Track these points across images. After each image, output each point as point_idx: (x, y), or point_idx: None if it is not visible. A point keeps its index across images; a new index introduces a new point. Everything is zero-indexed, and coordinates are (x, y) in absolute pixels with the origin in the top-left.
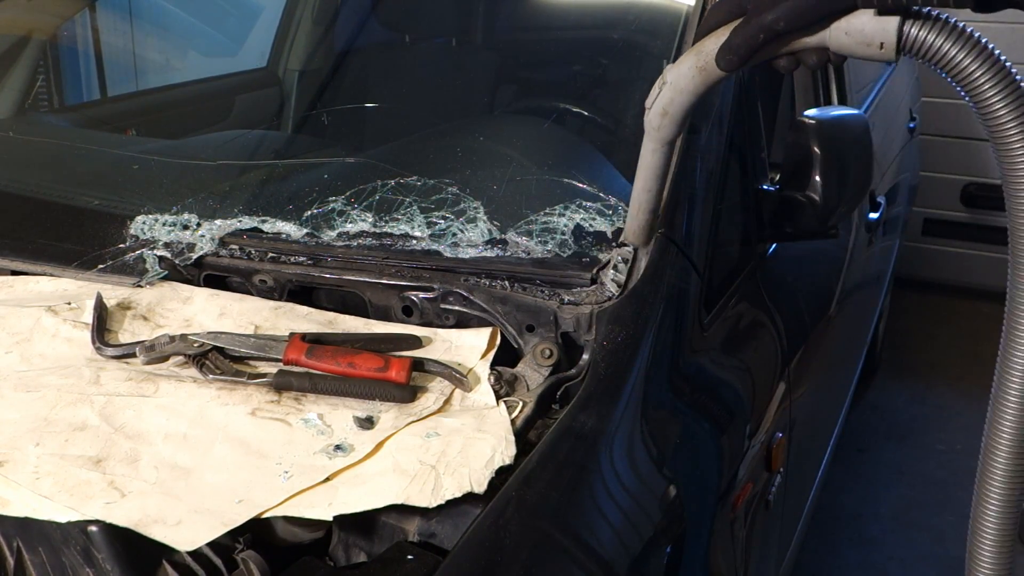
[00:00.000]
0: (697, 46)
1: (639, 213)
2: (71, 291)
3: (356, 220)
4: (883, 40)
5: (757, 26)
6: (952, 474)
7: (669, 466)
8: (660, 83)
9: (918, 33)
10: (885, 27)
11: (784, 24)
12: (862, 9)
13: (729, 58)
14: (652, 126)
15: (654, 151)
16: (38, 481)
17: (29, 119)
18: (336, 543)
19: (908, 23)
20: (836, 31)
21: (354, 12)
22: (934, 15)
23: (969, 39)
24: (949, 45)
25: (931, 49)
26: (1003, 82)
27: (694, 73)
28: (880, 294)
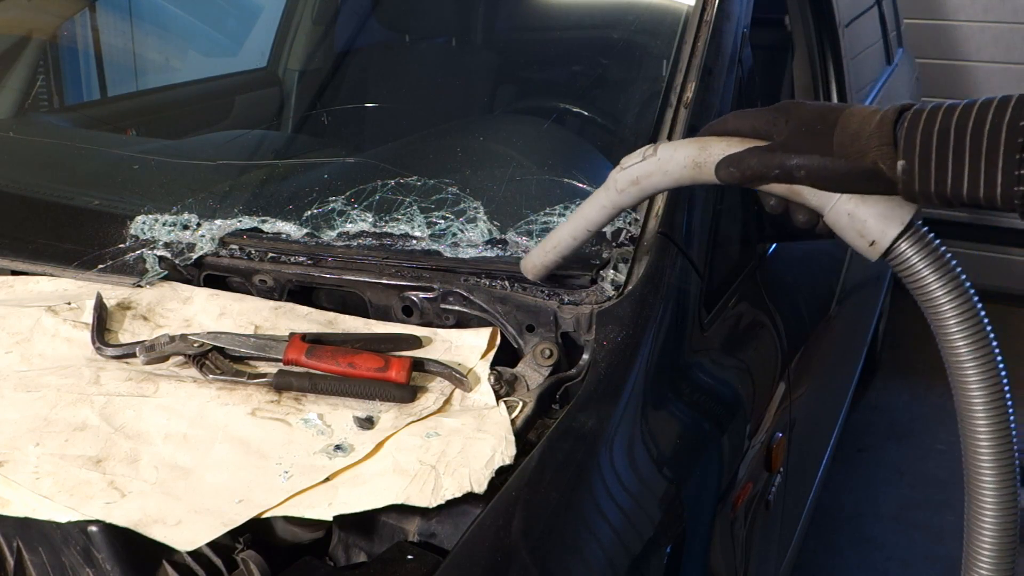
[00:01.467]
0: (702, 141)
1: (551, 253)
2: (71, 291)
3: (356, 220)
4: (877, 240)
5: (777, 162)
6: (952, 474)
7: (669, 466)
8: (648, 152)
9: (907, 249)
10: (886, 231)
11: (804, 176)
12: (877, 198)
13: (732, 171)
14: (616, 187)
15: (602, 208)
16: (38, 481)
17: (29, 119)
18: (336, 543)
19: (904, 238)
20: (840, 207)
21: (354, 12)
22: (930, 240)
23: (950, 274)
24: (929, 273)
25: (911, 268)
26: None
27: (688, 164)
28: (880, 294)
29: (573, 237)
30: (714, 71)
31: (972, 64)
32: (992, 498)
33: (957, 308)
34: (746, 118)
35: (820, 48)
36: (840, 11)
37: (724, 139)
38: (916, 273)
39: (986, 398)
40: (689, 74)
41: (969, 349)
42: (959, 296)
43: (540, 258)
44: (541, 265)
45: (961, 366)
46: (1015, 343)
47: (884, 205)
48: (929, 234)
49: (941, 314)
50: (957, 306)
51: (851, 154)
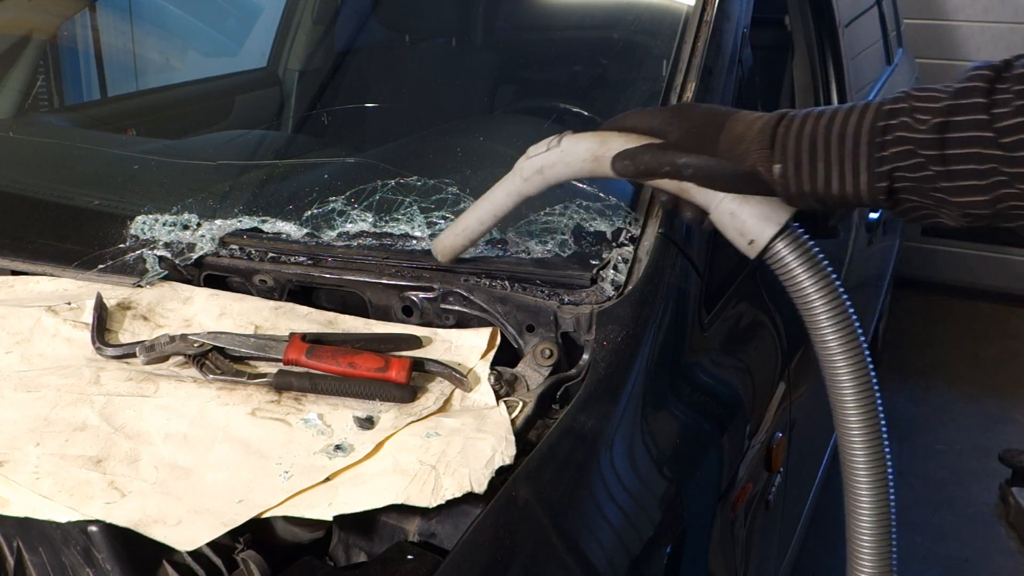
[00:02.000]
0: (603, 135)
1: (459, 236)
2: (71, 291)
3: (356, 220)
4: (754, 239)
5: (667, 159)
6: (952, 474)
7: (669, 466)
8: (553, 143)
9: (782, 249)
10: (763, 231)
11: (691, 173)
12: (757, 197)
13: (626, 164)
14: (522, 175)
15: (508, 195)
16: (38, 481)
17: (29, 119)
18: (336, 543)
19: (780, 239)
20: (723, 207)
21: (354, 12)
22: (803, 240)
23: (821, 272)
24: (801, 272)
25: (785, 267)
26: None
27: (588, 157)
28: (880, 294)
29: (480, 222)
30: (714, 71)
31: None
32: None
33: (827, 303)
34: (644, 117)
35: (820, 48)
36: (840, 11)
37: (623, 135)
38: (790, 271)
39: (855, 387)
40: (689, 74)
41: (838, 341)
42: (829, 293)
43: (449, 240)
44: (450, 247)
45: (831, 357)
46: (1015, 343)
47: (764, 207)
48: (804, 235)
49: (812, 309)
50: (827, 302)
51: (734, 156)
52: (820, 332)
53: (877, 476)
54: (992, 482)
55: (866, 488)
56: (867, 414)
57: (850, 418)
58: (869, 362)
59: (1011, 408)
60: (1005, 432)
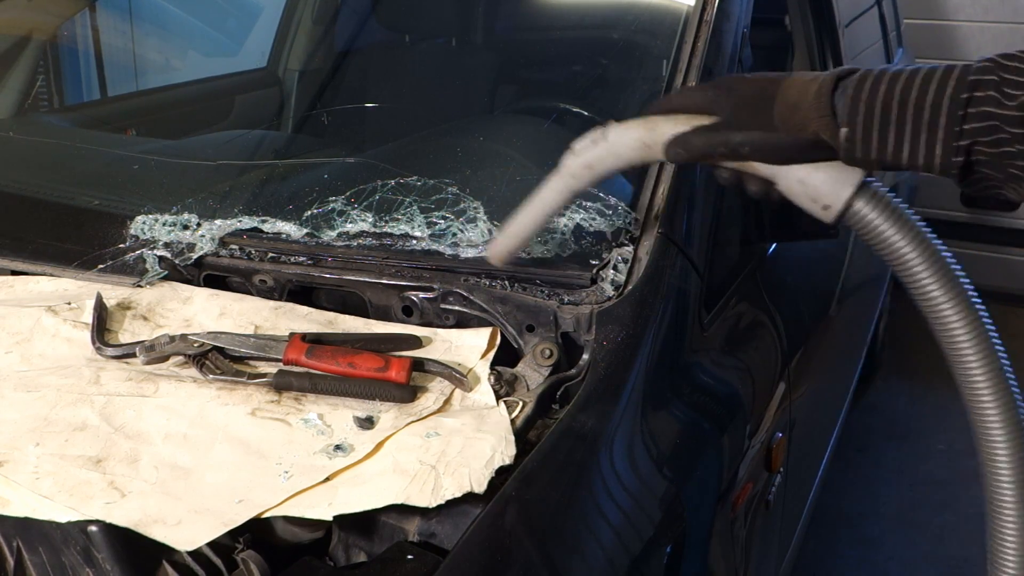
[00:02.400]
0: (650, 121)
1: (513, 239)
2: (71, 291)
3: (356, 220)
4: (831, 204)
5: (722, 140)
6: (952, 474)
7: (669, 466)
8: (598, 136)
9: (863, 208)
10: (839, 193)
11: (749, 150)
12: (826, 164)
13: (679, 152)
14: (570, 172)
15: (559, 193)
16: (38, 481)
17: (29, 119)
18: (336, 543)
19: (858, 198)
20: (791, 175)
21: (354, 12)
22: (884, 196)
23: (908, 225)
24: (887, 227)
25: (869, 225)
26: (935, 266)
27: (638, 146)
28: (880, 294)
29: (534, 223)
30: (714, 71)
31: None
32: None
33: (922, 256)
34: (690, 95)
35: (820, 48)
36: (840, 11)
37: (671, 118)
38: (875, 229)
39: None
40: (689, 74)
41: (942, 292)
42: (921, 244)
43: (504, 246)
44: (506, 251)
45: (939, 311)
46: (1015, 343)
47: (834, 169)
48: (882, 189)
49: (908, 265)
50: (922, 254)
51: (792, 127)
52: (922, 287)
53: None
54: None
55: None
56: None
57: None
58: (983, 311)
59: None
60: None
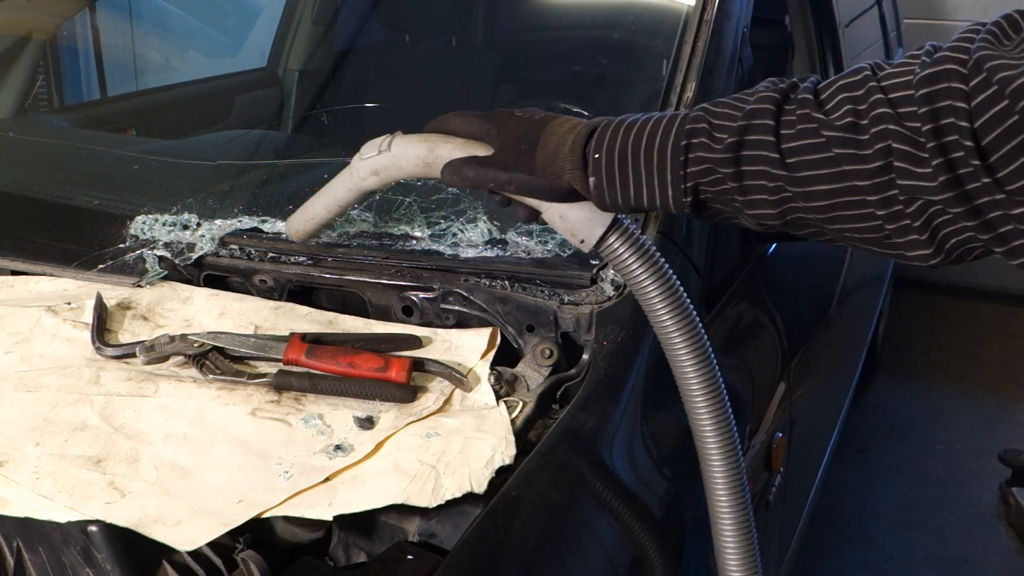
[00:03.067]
0: (432, 140)
1: (309, 221)
2: (71, 291)
3: (356, 220)
4: (585, 238)
5: (490, 176)
6: (952, 474)
7: (669, 466)
8: (383, 146)
9: (614, 242)
10: (592, 231)
11: (514, 190)
12: (584, 203)
13: (454, 179)
14: (359, 175)
15: (349, 191)
16: (38, 481)
17: (29, 119)
18: (336, 543)
19: (610, 234)
20: (552, 211)
21: (354, 12)
22: (631, 233)
23: (652, 260)
24: (634, 261)
25: (619, 259)
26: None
27: (419, 163)
28: (880, 294)
29: (327, 210)
30: (714, 71)
31: None
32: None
33: (661, 290)
34: (466, 122)
35: (820, 48)
36: (840, 11)
37: (450, 140)
38: (624, 263)
39: (695, 365)
40: (689, 74)
41: (674, 322)
42: (661, 280)
43: (300, 224)
44: (302, 231)
45: (670, 339)
46: (1015, 343)
47: (591, 209)
48: (631, 228)
49: (648, 296)
50: (660, 288)
51: (550, 173)
52: (657, 316)
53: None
54: (992, 482)
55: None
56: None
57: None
58: (706, 344)
59: (1011, 408)
60: (1005, 432)
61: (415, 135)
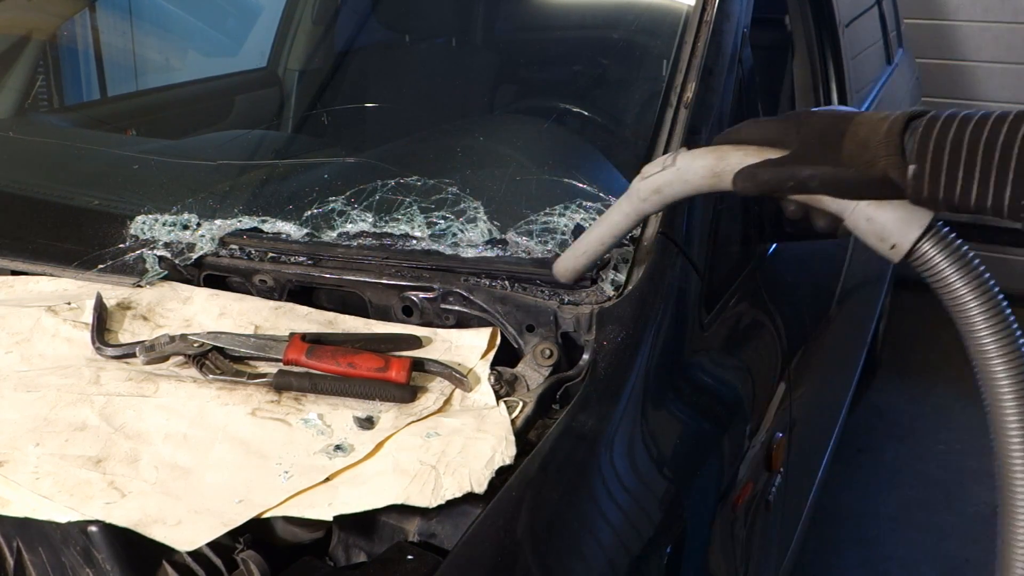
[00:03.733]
0: (720, 151)
1: (582, 257)
2: (71, 291)
3: (356, 220)
4: (897, 243)
5: (790, 174)
6: (952, 474)
7: (669, 466)
8: (668, 162)
9: (929, 250)
10: (906, 234)
11: (817, 185)
12: (894, 202)
13: (747, 185)
14: (639, 196)
15: (627, 216)
16: (38, 481)
17: (29, 119)
18: (336, 543)
19: (925, 239)
20: (859, 213)
21: (354, 12)
22: (952, 240)
23: (973, 272)
24: (953, 273)
25: (934, 268)
26: (999, 327)
27: (707, 174)
28: (880, 294)
29: (601, 243)
30: (714, 71)
31: (972, 64)
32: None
33: (983, 307)
34: (760, 127)
35: (820, 48)
36: (840, 11)
37: (740, 148)
38: (939, 274)
39: (1017, 396)
40: (689, 74)
41: (997, 346)
42: (984, 294)
43: (572, 262)
44: (573, 269)
45: (990, 364)
46: None
47: (903, 209)
48: (950, 234)
49: (967, 314)
50: (983, 304)
51: (861, 163)
52: (977, 338)
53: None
54: (992, 482)
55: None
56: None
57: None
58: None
59: None
60: None
61: (702, 148)
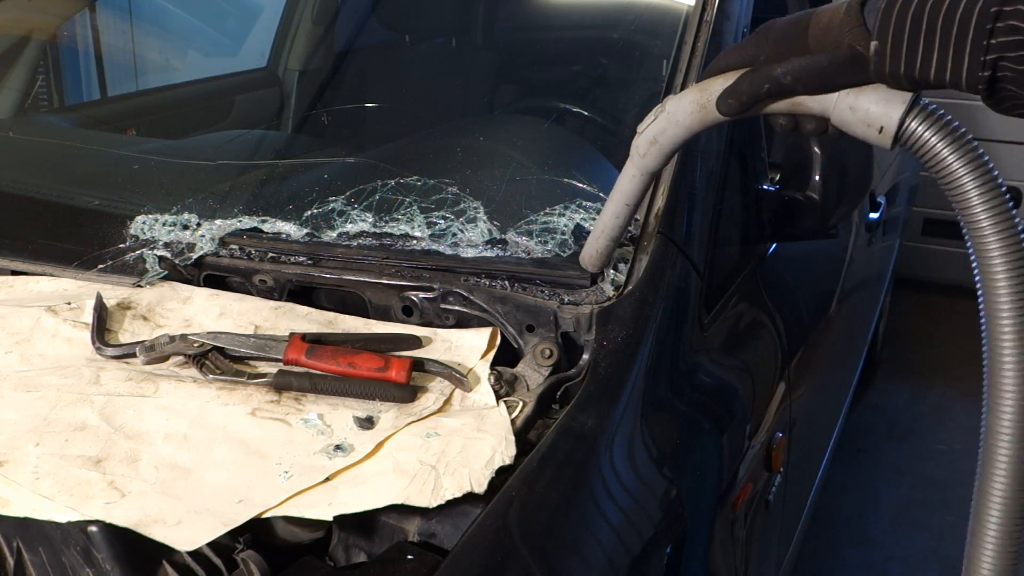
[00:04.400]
0: (703, 84)
1: (601, 238)
2: (71, 291)
3: (356, 220)
4: (884, 125)
5: (764, 76)
6: (952, 474)
7: (669, 466)
8: (657, 111)
9: (917, 127)
10: (890, 114)
11: (791, 79)
12: (872, 85)
13: (730, 103)
14: (639, 152)
15: (633, 177)
16: (38, 481)
17: (29, 119)
18: (336, 543)
19: (911, 116)
20: (841, 104)
21: (354, 12)
22: (937, 113)
23: (964, 144)
24: (944, 146)
25: (925, 145)
26: (990, 193)
27: (694, 109)
28: (880, 294)
29: (616, 216)
30: None
31: None
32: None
33: (976, 177)
34: (733, 51)
35: None
36: None
37: (721, 77)
38: (931, 149)
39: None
40: (689, 74)
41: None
42: (977, 166)
43: (594, 247)
44: (596, 253)
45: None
46: None
47: (883, 90)
48: (936, 109)
49: (961, 187)
50: (976, 175)
51: (827, 45)
52: (971, 211)
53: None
54: None
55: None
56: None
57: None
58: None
59: None
60: None
61: (686, 88)
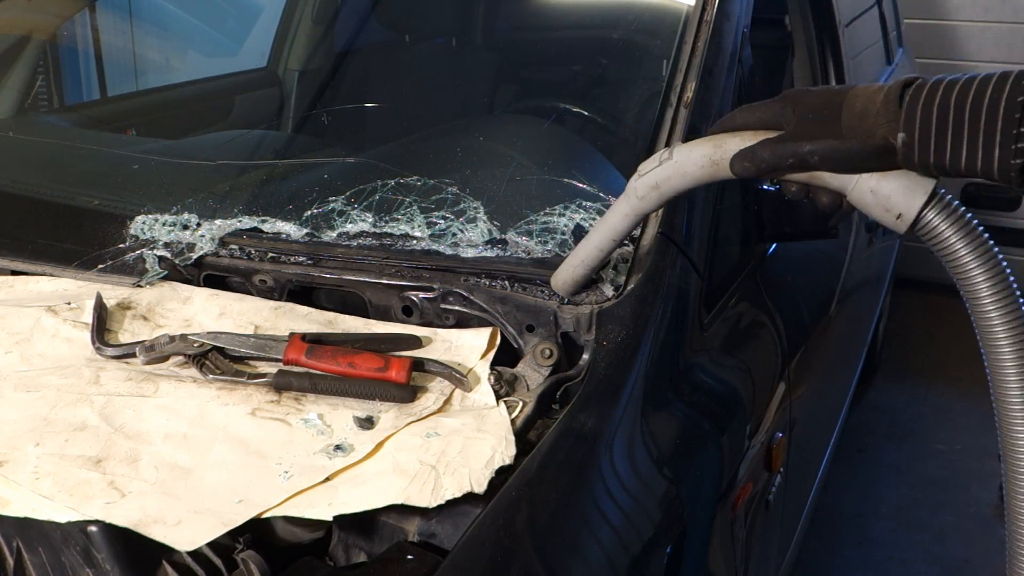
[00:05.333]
0: (716, 138)
1: (579, 267)
2: (71, 291)
3: (356, 220)
4: (903, 212)
5: (790, 151)
6: (952, 474)
7: (669, 466)
8: (664, 156)
9: (934, 218)
10: (911, 203)
11: (818, 161)
12: (896, 172)
13: (746, 165)
14: (636, 194)
15: (625, 217)
16: (38, 481)
17: (29, 119)
18: (336, 543)
19: (929, 207)
20: (863, 185)
21: (354, 12)
22: (954, 204)
23: (977, 239)
24: (957, 240)
25: (939, 236)
26: (1001, 291)
27: (705, 163)
28: (880, 294)
29: (599, 249)
30: (714, 71)
31: (972, 64)
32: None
33: (987, 274)
34: (754, 111)
35: (820, 48)
36: (840, 11)
37: (737, 135)
38: (945, 242)
39: (1018, 363)
40: (689, 74)
41: (1001, 314)
42: (988, 262)
43: (569, 273)
44: (572, 280)
45: (993, 332)
46: None
47: (906, 178)
48: (954, 202)
49: (972, 282)
50: (987, 272)
51: (861, 133)
52: (981, 306)
53: None
54: (992, 482)
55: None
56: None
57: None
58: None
59: None
60: None
61: (697, 139)
